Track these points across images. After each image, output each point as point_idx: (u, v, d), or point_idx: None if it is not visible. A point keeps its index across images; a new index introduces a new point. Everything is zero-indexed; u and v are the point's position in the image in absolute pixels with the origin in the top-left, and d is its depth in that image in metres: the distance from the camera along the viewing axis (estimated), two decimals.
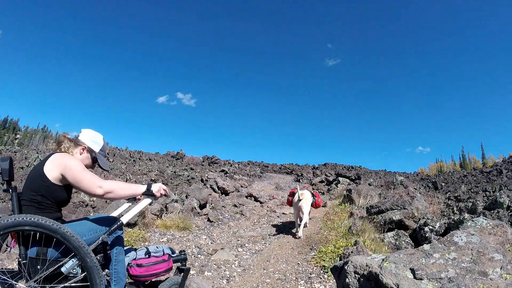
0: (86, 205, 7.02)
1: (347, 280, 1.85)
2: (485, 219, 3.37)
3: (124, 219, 1.97)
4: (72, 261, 1.74)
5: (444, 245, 1.80)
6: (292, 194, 5.89)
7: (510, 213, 5.53)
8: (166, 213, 6.25)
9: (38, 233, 1.70)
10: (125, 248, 2.19)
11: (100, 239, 1.85)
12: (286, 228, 6.11)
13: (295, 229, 5.56)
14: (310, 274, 3.61)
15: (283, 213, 7.93)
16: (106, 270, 1.93)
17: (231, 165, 19.78)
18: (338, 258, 3.58)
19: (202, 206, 7.53)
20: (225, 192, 10.07)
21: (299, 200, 5.45)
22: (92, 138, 2.17)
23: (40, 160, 2.02)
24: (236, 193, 10.31)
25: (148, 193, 2.02)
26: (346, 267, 1.91)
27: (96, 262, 1.73)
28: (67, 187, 1.95)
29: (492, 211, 5.78)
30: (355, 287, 1.80)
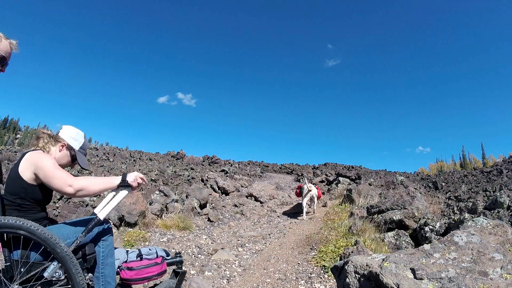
0: (87, 205, 7.02)
1: (347, 280, 1.85)
2: (486, 219, 3.37)
3: (101, 215, 1.85)
4: (53, 264, 1.70)
5: (445, 245, 1.80)
6: (300, 188, 7.60)
7: (510, 213, 5.52)
8: (166, 213, 6.25)
9: (21, 236, 1.65)
10: (116, 250, 2.11)
11: (78, 239, 1.78)
12: (287, 228, 6.11)
13: (304, 210, 7.05)
14: (311, 274, 3.61)
15: (284, 213, 7.93)
16: (90, 275, 1.87)
17: (231, 165, 19.77)
18: (339, 258, 3.58)
19: (202, 206, 7.53)
20: (225, 192, 10.07)
21: (309, 191, 7.04)
22: (73, 135, 2.10)
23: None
24: (237, 193, 10.31)
25: (124, 184, 1.88)
26: (346, 267, 1.91)
27: (83, 280, 1.68)
28: (44, 186, 1.88)
29: (492, 211, 5.77)
30: (355, 287, 1.81)
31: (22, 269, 1.69)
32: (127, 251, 2.21)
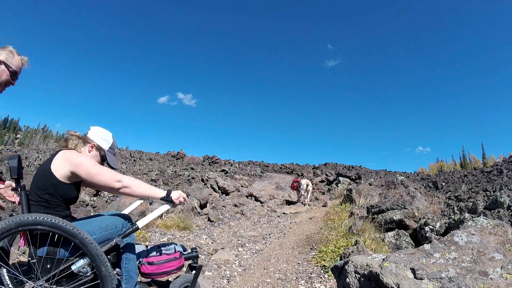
0: (87, 205, 7.03)
1: (347, 279, 1.85)
2: (486, 219, 3.37)
3: (140, 224, 1.93)
4: (83, 260, 1.74)
5: (445, 244, 1.80)
6: (297, 182, 9.44)
7: (510, 213, 5.52)
8: (166, 213, 6.25)
9: (50, 234, 1.69)
10: (136, 245, 2.16)
11: (114, 241, 1.82)
12: (287, 228, 6.12)
13: (302, 202, 9.14)
14: (311, 273, 3.61)
15: (284, 213, 7.93)
16: (117, 269, 1.91)
17: (231, 165, 19.77)
18: (339, 258, 3.58)
19: (202, 206, 7.54)
20: (225, 192, 10.07)
21: (307, 185, 9.08)
22: (102, 136, 2.13)
23: (45, 158, 2.03)
24: (237, 192, 10.32)
25: (167, 199, 1.95)
26: (346, 266, 1.91)
27: (111, 271, 1.71)
28: (75, 185, 1.92)
29: (492, 211, 5.78)
30: (355, 287, 1.81)
31: (48, 266, 1.72)
32: (147, 247, 2.27)
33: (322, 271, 3.60)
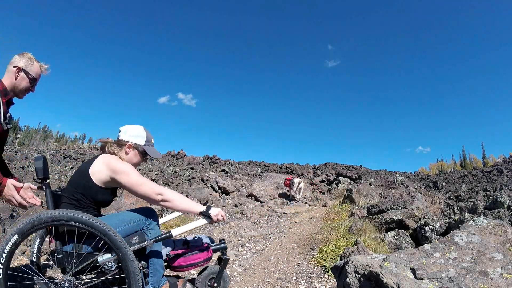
0: None
1: (347, 279, 1.85)
2: (486, 219, 3.36)
3: (174, 232, 1.96)
4: (108, 255, 1.77)
5: (445, 244, 1.79)
6: (290, 180, 10.68)
7: (510, 213, 5.52)
8: (166, 213, 6.25)
9: (76, 230, 1.73)
10: None
11: (146, 243, 1.86)
12: (287, 228, 6.12)
13: (294, 197, 10.12)
14: (311, 273, 3.61)
15: (284, 213, 7.93)
16: (143, 262, 1.93)
17: (231, 165, 19.77)
18: (339, 257, 3.58)
19: None
20: (225, 192, 10.07)
21: (300, 183, 10.21)
22: (133, 133, 2.11)
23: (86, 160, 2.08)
24: (237, 192, 10.31)
25: (205, 215, 1.99)
26: (346, 266, 1.91)
27: (137, 266, 1.74)
28: (110, 190, 1.94)
29: (492, 211, 5.78)
30: (355, 287, 1.81)
31: (74, 261, 1.77)
32: (174, 240, 2.28)
33: (322, 271, 3.60)
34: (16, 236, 1.64)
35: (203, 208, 1.99)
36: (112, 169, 1.87)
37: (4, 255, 1.63)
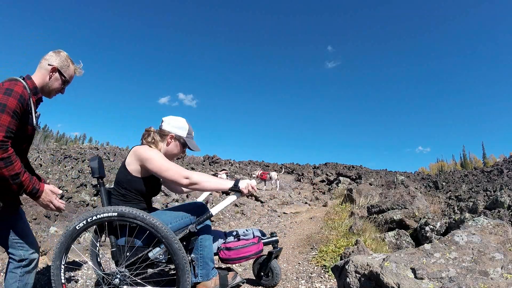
0: (87, 205, 7.02)
1: (347, 279, 1.85)
2: (486, 219, 3.37)
3: (213, 211, 1.97)
4: (158, 248, 1.82)
5: (445, 244, 1.80)
6: (266, 174, 13.02)
7: (511, 213, 5.52)
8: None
9: (128, 225, 1.78)
10: (215, 231, 2.20)
11: (188, 228, 1.88)
12: (287, 228, 6.12)
13: (270, 188, 12.51)
14: (311, 273, 3.61)
15: (284, 213, 7.93)
16: (192, 255, 1.96)
17: (232, 165, 19.78)
18: (339, 257, 3.58)
19: None
20: (225, 192, 10.07)
21: (277, 175, 12.91)
22: (176, 125, 2.14)
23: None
24: None
25: (235, 189, 1.98)
26: (347, 266, 1.91)
27: (186, 258, 1.78)
28: (148, 179, 1.97)
29: (493, 211, 5.77)
30: (356, 287, 1.81)
31: (127, 254, 1.83)
32: (225, 233, 2.30)
33: (323, 271, 3.60)
34: (84, 222, 1.74)
35: (232, 183, 1.98)
36: (140, 158, 1.91)
37: (78, 226, 1.75)
